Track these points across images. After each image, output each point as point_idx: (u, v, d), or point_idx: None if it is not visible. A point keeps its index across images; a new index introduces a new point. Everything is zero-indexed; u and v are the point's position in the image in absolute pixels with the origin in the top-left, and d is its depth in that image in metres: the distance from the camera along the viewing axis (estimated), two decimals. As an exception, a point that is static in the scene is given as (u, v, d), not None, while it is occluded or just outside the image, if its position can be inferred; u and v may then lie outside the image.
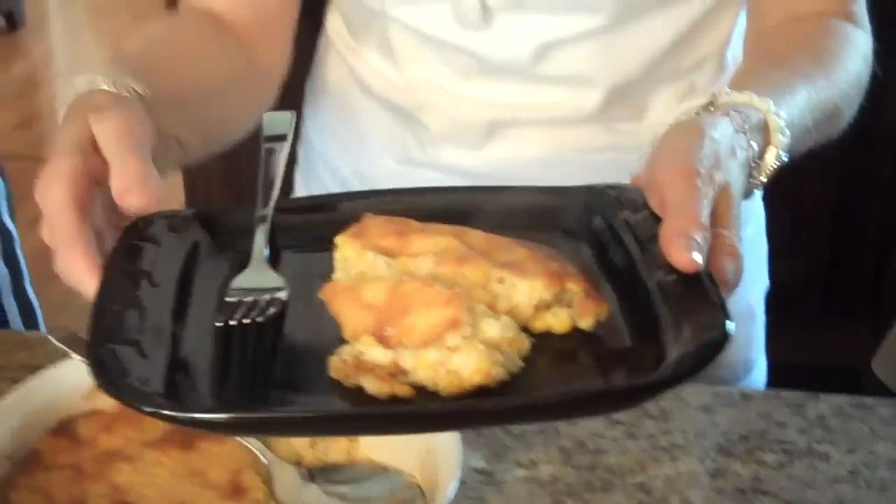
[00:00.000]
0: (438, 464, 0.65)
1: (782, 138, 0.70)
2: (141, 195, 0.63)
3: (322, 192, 1.06)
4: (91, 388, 0.70)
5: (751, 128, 0.68)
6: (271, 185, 0.66)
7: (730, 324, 0.53)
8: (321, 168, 1.08)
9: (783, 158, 0.70)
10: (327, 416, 0.54)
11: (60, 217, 0.63)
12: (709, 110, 0.69)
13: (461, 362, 0.53)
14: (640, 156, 0.66)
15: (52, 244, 0.64)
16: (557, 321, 0.58)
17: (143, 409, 0.52)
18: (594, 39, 0.90)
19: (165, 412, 0.52)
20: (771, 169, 0.70)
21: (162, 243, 0.64)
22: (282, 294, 0.58)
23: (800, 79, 0.78)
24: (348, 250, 0.61)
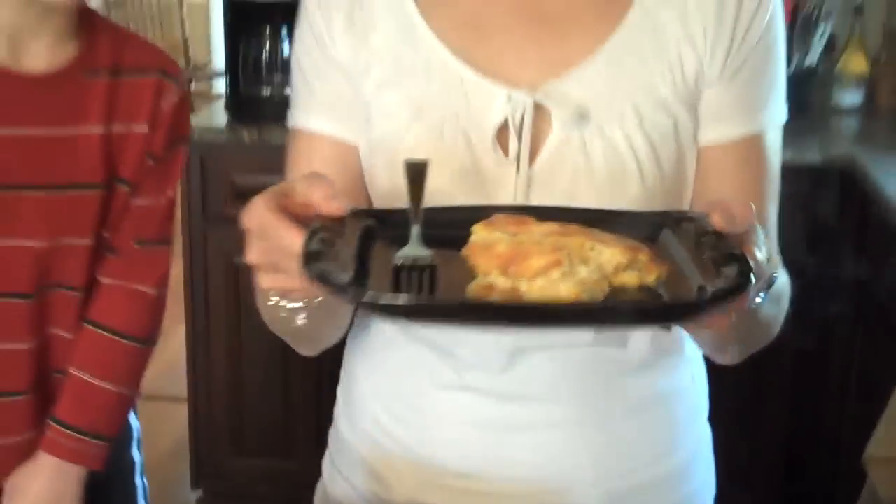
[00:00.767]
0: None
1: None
2: (339, 202, 0.87)
3: (363, 411, 1.22)
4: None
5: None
6: (420, 195, 0.88)
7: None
8: (364, 392, 1.22)
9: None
10: (470, 305, 0.79)
11: (265, 211, 0.85)
12: None
13: (560, 287, 0.78)
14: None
15: (260, 237, 0.86)
16: (629, 278, 0.81)
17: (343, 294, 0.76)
18: None
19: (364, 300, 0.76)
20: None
21: (345, 229, 0.88)
22: (430, 260, 0.83)
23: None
24: (482, 232, 0.85)
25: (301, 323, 1.04)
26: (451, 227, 0.88)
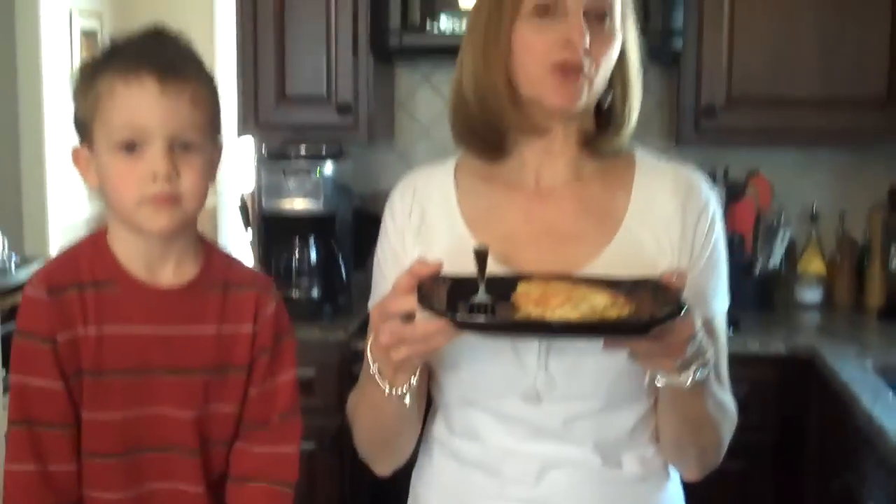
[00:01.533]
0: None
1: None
2: (433, 265, 1.32)
3: None
4: None
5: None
6: (484, 269, 1.31)
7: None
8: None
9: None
10: (517, 322, 1.23)
11: (380, 303, 1.35)
12: None
13: (569, 315, 1.20)
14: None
15: (381, 318, 1.33)
16: (612, 311, 1.25)
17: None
18: (593, 418, 1.50)
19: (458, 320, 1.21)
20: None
21: (437, 284, 1.32)
22: (490, 300, 1.28)
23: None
24: (524, 285, 1.30)
25: (408, 403, 1.42)
26: (503, 286, 1.33)
